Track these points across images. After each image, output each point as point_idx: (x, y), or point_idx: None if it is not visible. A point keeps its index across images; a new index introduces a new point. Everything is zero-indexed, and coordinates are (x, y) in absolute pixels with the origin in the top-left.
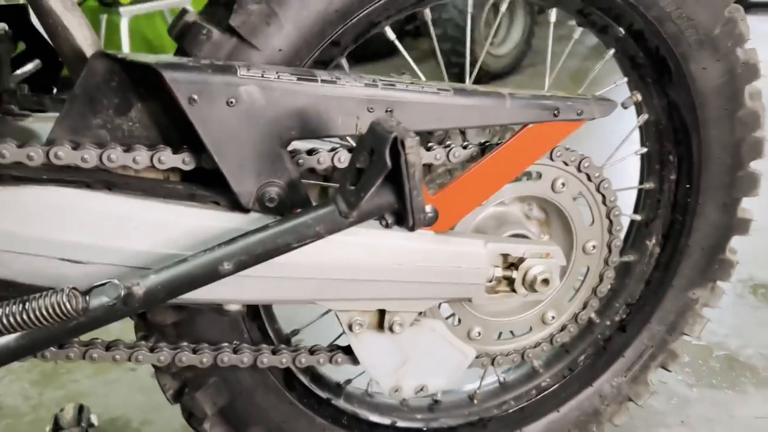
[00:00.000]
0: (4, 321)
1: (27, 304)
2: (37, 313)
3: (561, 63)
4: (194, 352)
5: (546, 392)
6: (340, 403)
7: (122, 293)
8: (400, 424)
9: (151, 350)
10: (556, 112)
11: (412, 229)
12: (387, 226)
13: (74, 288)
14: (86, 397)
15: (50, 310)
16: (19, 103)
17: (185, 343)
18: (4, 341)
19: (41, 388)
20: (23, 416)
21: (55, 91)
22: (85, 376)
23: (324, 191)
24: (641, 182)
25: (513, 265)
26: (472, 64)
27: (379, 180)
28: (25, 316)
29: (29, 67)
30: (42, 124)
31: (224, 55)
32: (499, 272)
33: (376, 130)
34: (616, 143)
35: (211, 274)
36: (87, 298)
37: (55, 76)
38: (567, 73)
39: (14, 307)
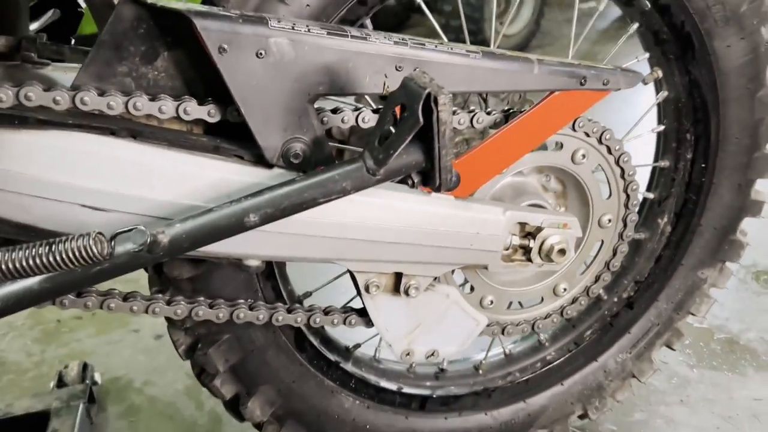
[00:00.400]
0: (30, 262)
1: (53, 246)
2: (63, 255)
3: (572, 41)
4: (211, 306)
5: (551, 365)
6: (349, 366)
7: (148, 240)
8: (407, 390)
9: (168, 303)
10: (582, 80)
11: (438, 189)
12: (413, 185)
13: (100, 233)
14: (89, 356)
15: (76, 253)
16: (38, 52)
17: (201, 298)
18: (28, 284)
19: (44, 345)
20: (26, 372)
21: (73, 42)
22: (88, 336)
23: (340, 154)
24: (656, 160)
25: (530, 235)
26: (483, 43)
27: (410, 137)
28: (51, 258)
29: (48, 15)
30: (61, 72)
31: (252, 8)
32: (516, 241)
33: (409, 86)
34: (627, 122)
35: (236, 226)
36: (112, 243)
37: (73, 26)
38: (577, 56)
39: (40, 249)
